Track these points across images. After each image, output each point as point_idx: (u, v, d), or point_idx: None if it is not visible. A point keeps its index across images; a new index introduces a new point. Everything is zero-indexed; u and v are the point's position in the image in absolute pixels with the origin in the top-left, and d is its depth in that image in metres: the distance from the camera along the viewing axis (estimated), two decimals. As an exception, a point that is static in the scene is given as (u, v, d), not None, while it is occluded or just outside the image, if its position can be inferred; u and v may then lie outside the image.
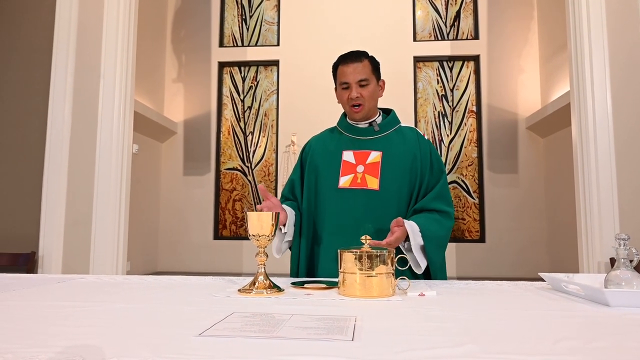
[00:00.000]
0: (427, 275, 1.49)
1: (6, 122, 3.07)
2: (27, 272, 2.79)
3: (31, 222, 2.91)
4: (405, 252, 1.45)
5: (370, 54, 1.61)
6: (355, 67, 1.55)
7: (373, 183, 1.52)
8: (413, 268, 1.46)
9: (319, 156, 1.63)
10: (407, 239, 1.42)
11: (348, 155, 1.58)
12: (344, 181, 1.54)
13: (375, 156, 1.55)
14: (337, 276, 1.39)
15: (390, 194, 1.52)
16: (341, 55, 1.61)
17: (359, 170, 1.54)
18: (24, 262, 2.84)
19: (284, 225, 1.53)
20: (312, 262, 1.57)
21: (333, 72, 1.63)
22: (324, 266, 1.52)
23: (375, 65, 1.60)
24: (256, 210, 1.31)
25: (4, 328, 0.76)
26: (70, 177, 2.93)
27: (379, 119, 1.63)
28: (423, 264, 1.45)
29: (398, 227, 1.37)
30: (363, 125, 1.62)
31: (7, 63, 3.12)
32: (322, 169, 1.60)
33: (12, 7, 3.16)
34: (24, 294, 1.08)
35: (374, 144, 1.58)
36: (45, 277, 1.40)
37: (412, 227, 1.42)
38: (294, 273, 1.61)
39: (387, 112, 1.69)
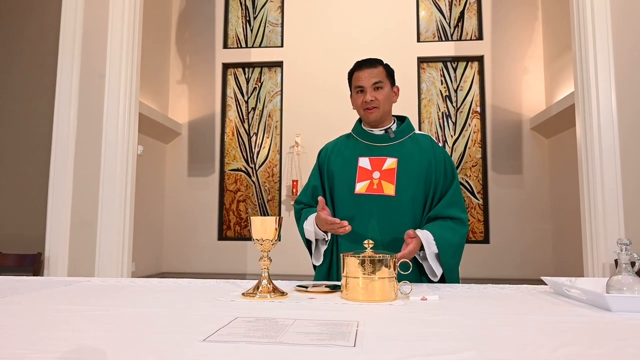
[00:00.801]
0: (442, 280, 1.51)
1: (12, 124, 3.10)
2: (34, 273, 2.82)
3: (37, 224, 2.94)
4: (420, 261, 1.47)
5: (385, 62, 1.63)
6: (370, 72, 1.58)
7: (389, 189, 1.54)
8: (429, 276, 1.48)
9: (335, 162, 1.66)
10: (422, 247, 1.44)
11: (364, 162, 1.59)
12: (360, 187, 1.56)
13: (391, 163, 1.57)
14: None
15: (405, 200, 1.53)
16: (356, 62, 1.64)
17: (375, 176, 1.56)
18: (31, 262, 2.87)
19: (326, 233, 1.54)
20: (330, 266, 1.60)
21: (348, 78, 1.66)
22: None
23: (389, 72, 1.63)
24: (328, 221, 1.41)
25: (13, 333, 0.77)
26: (75, 179, 2.96)
27: (393, 126, 1.65)
28: (439, 271, 1.47)
29: (411, 239, 1.38)
30: (378, 132, 1.64)
31: (13, 66, 3.15)
32: (338, 175, 1.62)
33: (18, 11, 3.19)
34: (32, 298, 1.10)
35: (390, 150, 1.60)
36: (52, 280, 1.41)
37: (426, 236, 1.44)
38: (324, 276, 1.63)
39: (401, 119, 1.71)
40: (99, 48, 3.14)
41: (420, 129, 5.22)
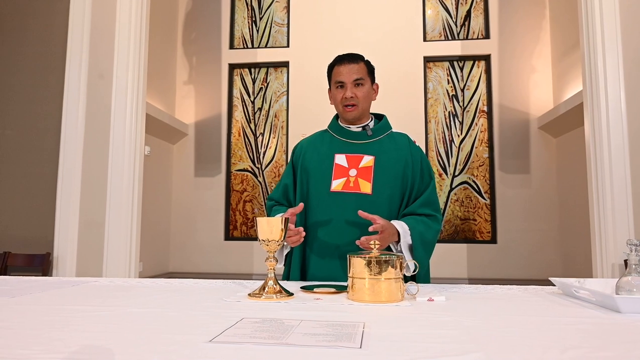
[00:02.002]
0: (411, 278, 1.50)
1: (21, 125, 3.13)
2: (43, 273, 2.85)
3: (46, 224, 2.97)
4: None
5: (366, 58, 1.62)
6: (351, 68, 1.56)
7: (366, 187, 1.53)
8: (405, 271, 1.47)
9: (310, 159, 1.63)
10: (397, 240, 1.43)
11: (340, 159, 1.58)
12: (336, 185, 1.54)
13: (368, 160, 1.56)
14: (327, 279, 1.41)
15: (382, 198, 1.53)
16: (337, 56, 1.62)
17: (352, 174, 1.55)
18: (40, 263, 2.90)
19: None
20: (304, 266, 1.57)
21: (328, 72, 1.64)
22: (315, 270, 1.53)
23: (370, 69, 1.62)
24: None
25: (21, 333, 0.78)
26: (83, 180, 2.98)
27: (371, 124, 1.64)
28: (411, 264, 1.45)
29: (379, 217, 1.36)
30: (356, 129, 1.63)
31: (21, 68, 3.18)
32: (314, 172, 1.60)
33: (25, 13, 3.22)
34: (40, 298, 1.11)
35: (367, 148, 1.59)
36: (60, 280, 1.42)
37: (402, 226, 1.43)
38: (285, 277, 1.61)
39: (379, 117, 1.70)
40: (106, 49, 3.16)
41: (426, 129, 5.20)
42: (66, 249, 2.90)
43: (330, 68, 1.63)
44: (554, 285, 1.24)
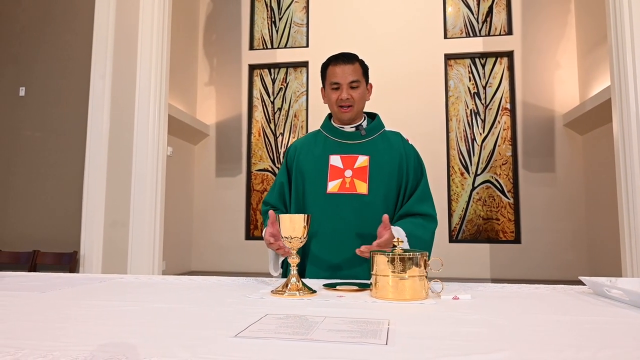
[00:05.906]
0: None
1: (49, 128, 3.21)
2: (70, 270, 2.92)
3: (73, 224, 3.05)
4: None
5: (360, 58, 1.60)
6: (347, 69, 1.55)
7: (362, 188, 1.51)
8: None
9: (305, 161, 1.62)
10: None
11: (335, 160, 1.56)
12: (332, 186, 1.53)
13: (363, 160, 1.55)
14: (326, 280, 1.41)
15: (378, 198, 1.52)
16: (332, 56, 1.60)
17: (347, 174, 1.54)
18: (67, 261, 2.97)
19: None
20: (302, 268, 1.55)
21: (322, 72, 1.63)
22: (312, 271, 1.52)
23: (365, 69, 1.61)
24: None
25: (50, 326, 0.79)
26: (108, 180, 3.04)
27: (364, 123, 1.63)
28: None
29: (386, 230, 1.35)
30: (349, 129, 1.61)
31: (48, 72, 3.27)
32: (309, 174, 1.58)
33: (51, 18, 3.31)
34: (69, 293, 1.13)
35: (361, 148, 1.58)
36: (88, 277, 1.45)
37: (398, 232, 1.42)
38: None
39: (371, 116, 1.68)
40: (129, 52, 3.23)
41: (447, 127, 5.13)
42: (92, 247, 2.97)
43: (324, 68, 1.61)
44: (583, 285, 1.21)
